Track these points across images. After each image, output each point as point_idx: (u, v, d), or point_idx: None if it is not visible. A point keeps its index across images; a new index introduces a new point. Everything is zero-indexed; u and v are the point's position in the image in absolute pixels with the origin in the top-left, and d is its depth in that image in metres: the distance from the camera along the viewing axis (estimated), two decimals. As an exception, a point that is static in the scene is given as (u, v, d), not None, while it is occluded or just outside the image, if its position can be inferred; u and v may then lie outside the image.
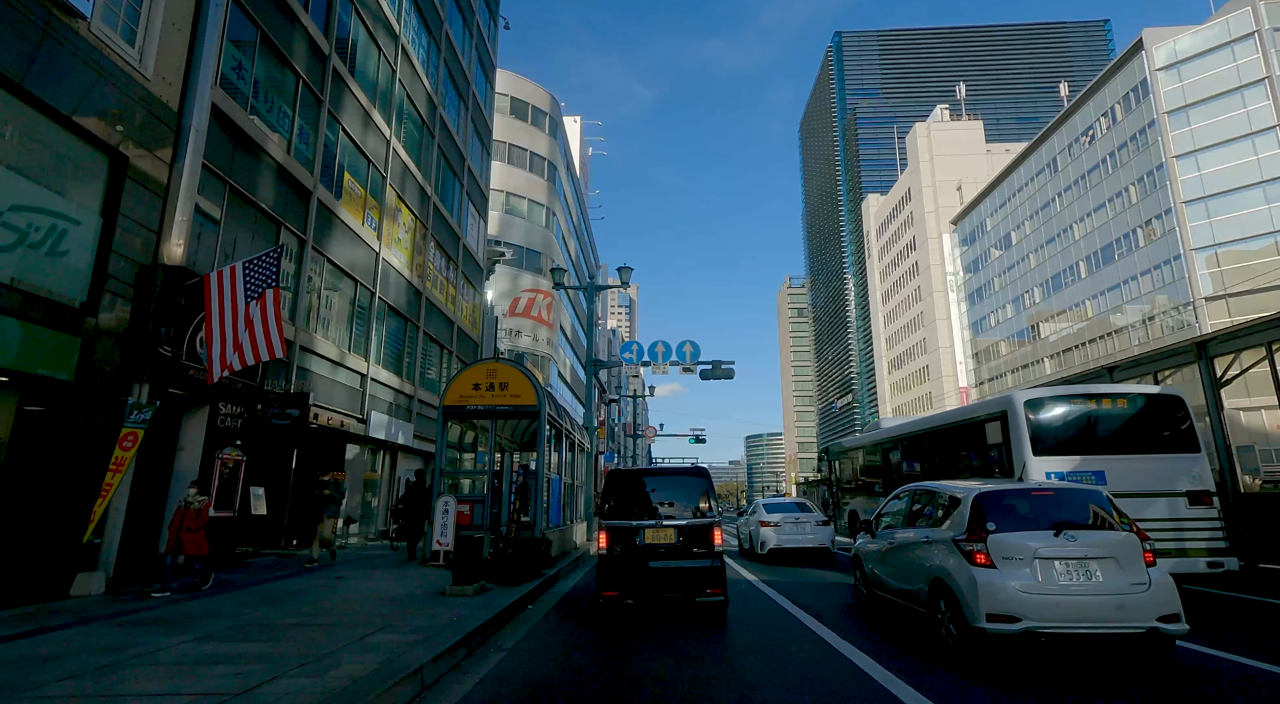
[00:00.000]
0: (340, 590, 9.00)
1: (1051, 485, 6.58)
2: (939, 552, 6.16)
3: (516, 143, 45.95)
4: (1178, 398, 9.81)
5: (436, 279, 22.90)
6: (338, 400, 15.68)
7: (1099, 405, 10.13)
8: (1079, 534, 5.54)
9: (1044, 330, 58.12)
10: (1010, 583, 5.34)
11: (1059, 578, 5.35)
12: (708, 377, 23.52)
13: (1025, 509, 5.93)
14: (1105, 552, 5.46)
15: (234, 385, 10.93)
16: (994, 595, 5.32)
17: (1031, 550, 5.46)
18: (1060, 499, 6.05)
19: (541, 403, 12.94)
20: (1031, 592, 5.28)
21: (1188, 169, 42.62)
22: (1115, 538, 5.56)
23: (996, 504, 5.96)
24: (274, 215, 12.91)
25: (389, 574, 10.91)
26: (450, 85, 24.67)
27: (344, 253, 16.02)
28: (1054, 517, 5.74)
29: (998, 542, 5.58)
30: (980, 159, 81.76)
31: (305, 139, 14.30)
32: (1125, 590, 5.27)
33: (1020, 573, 5.39)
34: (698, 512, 8.02)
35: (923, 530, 6.78)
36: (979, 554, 5.60)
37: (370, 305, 17.62)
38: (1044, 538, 5.53)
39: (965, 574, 5.60)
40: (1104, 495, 6.09)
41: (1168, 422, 9.69)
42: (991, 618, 5.26)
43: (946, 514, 6.40)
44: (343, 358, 15.89)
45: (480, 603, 7.93)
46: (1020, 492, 6.20)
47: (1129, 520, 5.81)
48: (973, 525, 5.82)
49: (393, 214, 19.06)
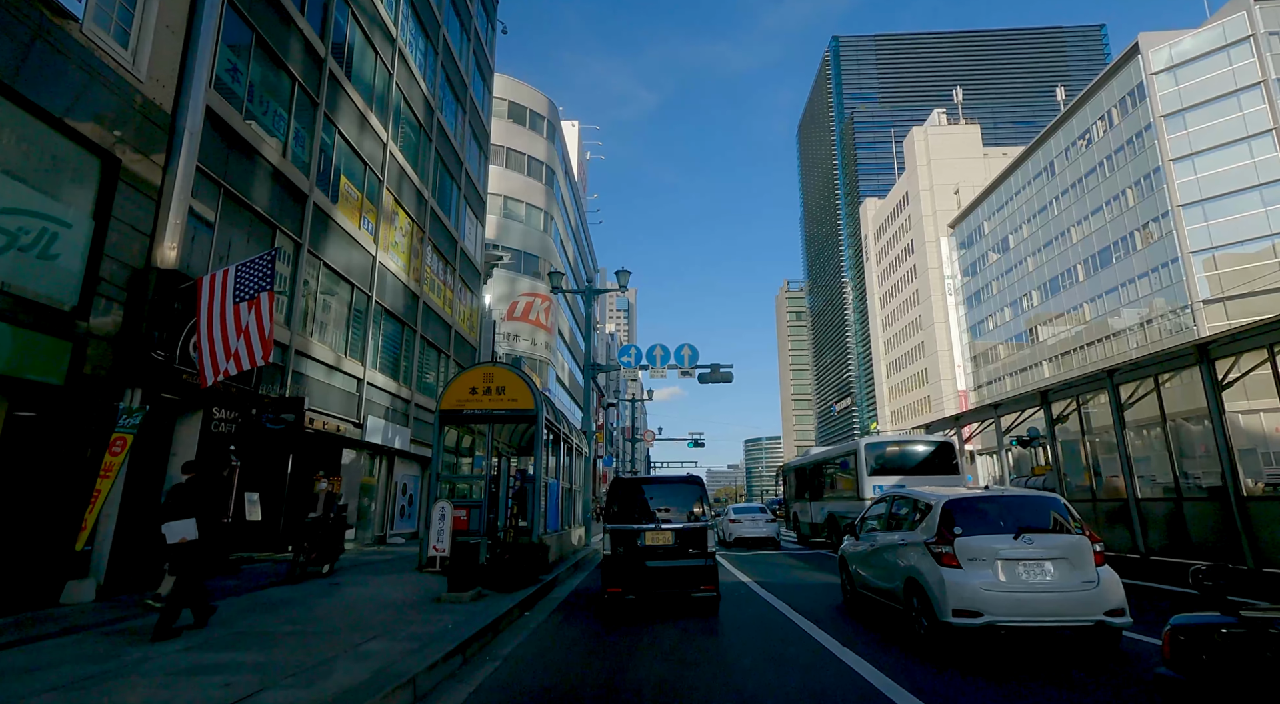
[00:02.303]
0: (335, 597, 8.89)
1: (1014, 492, 6.96)
2: (913, 553, 6.61)
3: (514, 147, 45.95)
4: (950, 443, 17.34)
5: (434, 283, 22.82)
6: (334, 405, 15.58)
7: (905, 447, 17.43)
8: (1036, 537, 6.00)
9: (1042, 333, 58.15)
10: (974, 581, 5.82)
11: (1018, 577, 5.84)
12: (706, 380, 23.45)
13: (989, 514, 6.35)
14: (1059, 553, 5.93)
15: (228, 390, 10.82)
16: (959, 593, 5.79)
17: (994, 552, 5.94)
18: (1021, 505, 6.46)
19: (539, 407, 12.86)
20: (993, 589, 5.76)
21: (1184, 172, 42.70)
22: (1068, 541, 6.02)
23: (963, 510, 6.40)
24: (269, 219, 12.83)
25: (385, 580, 10.79)
26: (448, 89, 24.64)
27: (340, 256, 15.94)
28: (1015, 521, 6.18)
29: (964, 544, 6.05)
30: (977, 163, 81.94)
31: (301, 142, 14.23)
32: (1076, 587, 5.75)
33: (983, 572, 5.87)
34: (692, 516, 8.80)
35: (900, 533, 7.25)
36: (947, 556, 6.07)
37: (367, 309, 17.53)
38: (1005, 541, 5.98)
39: (935, 574, 6.08)
40: (1061, 502, 6.48)
41: (944, 457, 16.89)
42: (957, 613, 5.74)
43: (920, 519, 6.86)
44: (339, 362, 15.80)
45: (477, 610, 7.82)
46: (986, 498, 6.62)
47: (1082, 524, 6.24)
48: (942, 530, 6.27)
49: (389, 218, 18.99)
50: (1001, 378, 64.59)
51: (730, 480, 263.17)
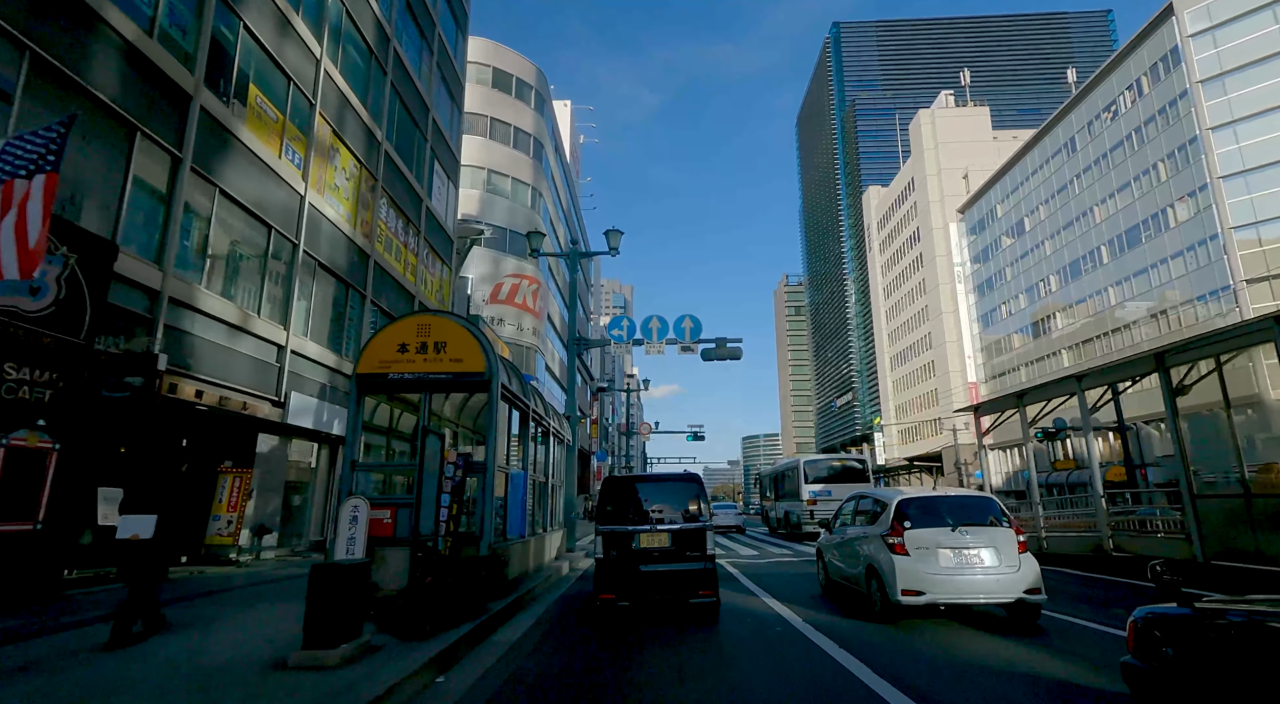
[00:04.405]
0: (135, 660, 5.49)
1: (956, 493, 8.01)
2: (873, 544, 7.66)
3: (499, 117, 42.43)
4: (863, 459, 25.31)
5: (390, 243, 19.38)
6: (238, 375, 12.15)
7: (831, 463, 24.70)
8: (971, 530, 7.17)
9: (1060, 320, 54.89)
10: (919, 567, 6.99)
11: (955, 562, 6.99)
12: (711, 357, 20.06)
13: (935, 511, 7.43)
14: (989, 542, 7.09)
15: (33, 339, 7.41)
16: (907, 576, 6.97)
17: (936, 542, 7.09)
18: (962, 504, 7.58)
19: (493, 370, 9.46)
20: (934, 573, 6.93)
21: (1225, 141, 39.38)
22: (997, 532, 7.19)
23: (913, 507, 7.49)
24: (124, 114, 9.39)
25: (250, 617, 7.39)
26: (409, 20, 21.17)
27: (249, 188, 12.51)
28: (955, 517, 7.31)
29: (912, 536, 7.19)
30: (987, 146, 78.67)
31: (180, 22, 10.77)
32: (1002, 571, 6.92)
33: (927, 559, 7.03)
34: (690, 516, 8.22)
35: (863, 528, 8.27)
36: (898, 546, 7.19)
37: (293, 260, 14.10)
38: (945, 533, 7.15)
39: (888, 561, 7.19)
40: (995, 502, 7.63)
41: (859, 470, 24.12)
42: (905, 593, 6.91)
43: (879, 514, 7.85)
44: (246, 322, 12.37)
45: (341, 685, 4.44)
46: (933, 498, 7.67)
47: (1010, 519, 7.39)
48: (895, 523, 7.37)
49: (326, 153, 15.54)
50: (1016, 368, 61.34)
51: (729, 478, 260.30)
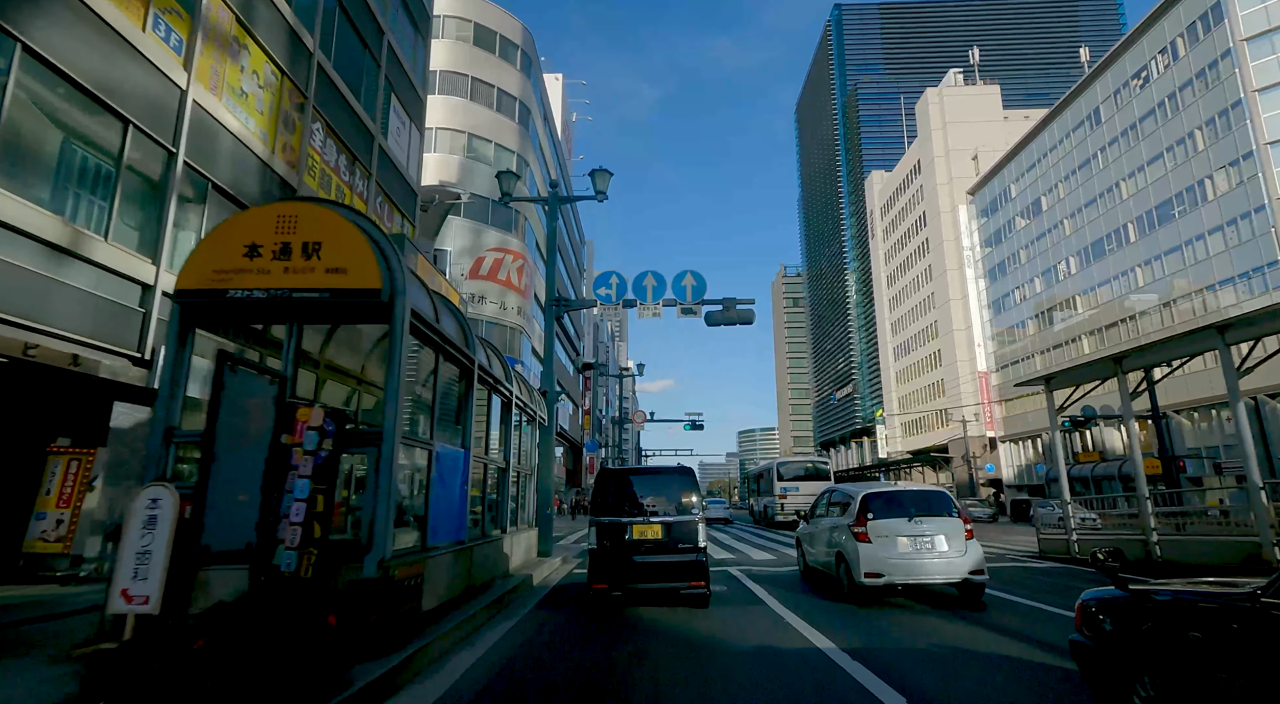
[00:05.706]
0: None
1: (914, 487, 9.53)
2: (842, 534, 9.04)
3: (481, 77, 38.81)
4: (826, 461, 35.47)
5: (328, 179, 15.89)
6: (65, 318, 8.68)
7: (799, 465, 33.47)
8: (925, 519, 8.55)
9: (1081, 304, 51.68)
10: (880, 553, 8.33)
11: (911, 548, 8.36)
12: (717, 321, 16.68)
13: (896, 503, 8.82)
14: (941, 530, 8.46)
15: None
16: (869, 561, 8.31)
17: (895, 530, 8.46)
18: (920, 497, 9.00)
19: (396, 286, 6.03)
20: (892, 557, 8.30)
21: (1273, 104, 36.09)
22: (948, 522, 8.58)
23: (877, 500, 8.88)
24: None
25: None
26: (356, -83, 17.59)
27: (89, 60, 9.01)
28: (913, 508, 8.69)
29: (874, 526, 8.52)
30: (997, 126, 75.29)
31: None
32: (951, 555, 8.29)
33: (887, 546, 8.38)
34: (682, 508, 8.49)
35: (834, 519, 9.68)
36: (862, 535, 8.50)
37: (167, 174, 10.61)
38: (904, 523, 8.51)
39: (853, 548, 8.51)
40: (948, 495, 9.10)
41: (821, 470, 32.88)
42: (867, 575, 8.25)
43: (848, 507, 9.26)
44: (78, 243, 8.89)
45: None
46: (895, 492, 9.12)
47: (960, 509, 8.83)
48: (860, 515, 8.72)
49: (226, 45, 12.03)
50: (1030, 356, 58.17)
51: (724, 473, 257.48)
